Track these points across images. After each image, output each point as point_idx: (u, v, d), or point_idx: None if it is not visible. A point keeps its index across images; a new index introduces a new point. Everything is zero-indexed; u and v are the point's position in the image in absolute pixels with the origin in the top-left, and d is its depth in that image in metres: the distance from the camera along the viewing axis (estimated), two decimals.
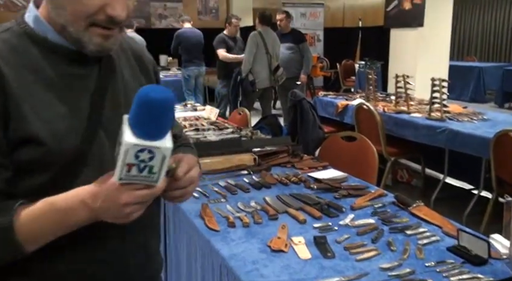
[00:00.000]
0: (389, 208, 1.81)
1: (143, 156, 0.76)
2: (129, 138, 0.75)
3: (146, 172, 0.78)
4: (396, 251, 1.46)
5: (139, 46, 1.10)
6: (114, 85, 0.97)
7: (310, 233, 1.57)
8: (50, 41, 0.89)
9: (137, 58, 1.06)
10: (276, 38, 5.74)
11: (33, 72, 0.87)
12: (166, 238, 2.07)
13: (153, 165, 0.77)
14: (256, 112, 6.98)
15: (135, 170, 0.77)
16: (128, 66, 1.03)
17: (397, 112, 4.08)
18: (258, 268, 1.35)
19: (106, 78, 0.95)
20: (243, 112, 3.88)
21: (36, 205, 0.83)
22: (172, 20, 10.00)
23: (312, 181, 2.11)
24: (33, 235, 0.83)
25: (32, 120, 0.84)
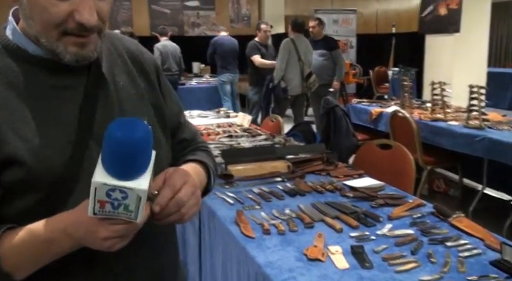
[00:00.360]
0: (428, 219, 1.76)
1: (115, 195, 0.72)
2: (98, 177, 0.71)
3: (122, 209, 0.73)
4: (436, 264, 1.42)
5: (137, 48, 1.02)
6: (106, 93, 0.90)
7: (347, 243, 1.54)
8: (30, 54, 0.84)
9: (135, 61, 0.99)
10: (308, 45, 5.72)
11: (12, 88, 0.82)
12: (201, 244, 2.08)
13: (128, 204, 0.73)
14: (288, 119, 6.96)
15: (109, 206, 0.73)
16: (123, 72, 0.95)
17: (434, 120, 3.99)
18: (295, 277, 1.33)
19: (95, 87, 0.88)
20: (275, 119, 3.87)
21: (19, 234, 0.79)
22: (205, 28, 10.12)
23: (348, 189, 2.08)
24: (17, 265, 0.80)
25: (10, 140, 0.80)
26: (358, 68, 9.02)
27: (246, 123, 3.76)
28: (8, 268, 0.79)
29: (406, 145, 2.64)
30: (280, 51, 5.59)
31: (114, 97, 0.91)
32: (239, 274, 1.59)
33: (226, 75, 6.97)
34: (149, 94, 0.98)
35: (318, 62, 5.94)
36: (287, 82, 5.55)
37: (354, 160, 2.85)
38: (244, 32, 9.50)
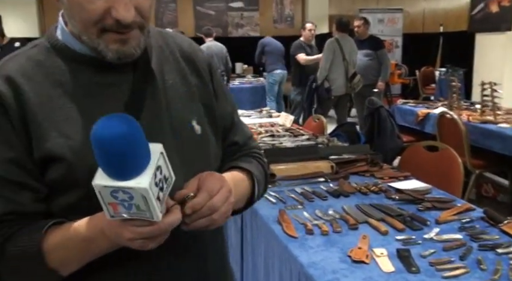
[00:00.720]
0: (478, 224, 1.70)
1: (121, 196, 0.70)
2: (97, 179, 0.70)
3: (135, 210, 0.71)
4: (487, 271, 1.36)
5: (191, 46, 1.00)
6: (154, 91, 0.88)
7: (393, 246, 1.51)
8: (78, 52, 0.85)
9: (187, 59, 0.97)
10: (353, 45, 5.65)
11: (59, 86, 0.84)
12: (243, 242, 2.09)
13: (138, 203, 0.70)
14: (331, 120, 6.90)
15: (121, 208, 0.71)
16: (174, 70, 0.94)
17: (483, 122, 3.85)
18: (339, 278, 1.32)
19: (143, 83, 0.87)
20: (318, 119, 3.84)
21: (63, 231, 0.80)
22: (248, 28, 10.17)
23: (393, 192, 2.04)
24: (62, 261, 0.81)
25: (50, 137, 0.81)
26: (404, 68, 8.81)
27: (288, 123, 3.75)
28: (53, 263, 0.81)
29: (454, 147, 2.56)
30: (324, 51, 5.54)
31: (162, 95, 0.89)
32: (281, 273, 1.58)
33: (277, 72, 6.93)
34: (200, 93, 0.96)
35: (362, 62, 5.85)
36: (331, 82, 5.50)
37: (400, 162, 2.79)
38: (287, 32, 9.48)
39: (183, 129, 0.90)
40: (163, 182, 0.73)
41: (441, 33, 9.94)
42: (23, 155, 0.81)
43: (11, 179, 0.81)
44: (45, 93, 0.83)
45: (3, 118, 0.81)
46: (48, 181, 0.82)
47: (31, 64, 0.85)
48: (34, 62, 0.85)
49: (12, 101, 0.81)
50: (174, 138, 0.88)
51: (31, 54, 0.86)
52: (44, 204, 0.84)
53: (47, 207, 0.84)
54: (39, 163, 0.82)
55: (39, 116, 0.81)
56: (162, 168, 0.73)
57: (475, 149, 3.73)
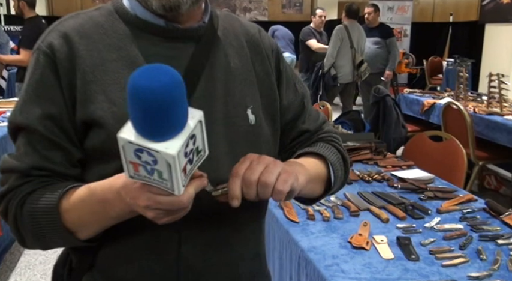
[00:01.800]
0: (479, 214, 1.71)
1: (145, 157, 0.62)
2: (124, 133, 0.62)
3: (157, 176, 0.64)
4: (486, 261, 1.37)
5: (257, 32, 0.95)
6: (212, 72, 0.84)
7: (393, 233, 1.52)
8: (139, 17, 0.81)
9: (252, 45, 0.92)
10: (362, 32, 5.60)
11: (115, 50, 0.80)
12: None
13: (161, 170, 0.63)
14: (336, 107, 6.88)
15: (143, 170, 0.64)
16: (237, 54, 0.88)
17: (489, 114, 3.83)
18: (338, 263, 1.33)
19: (202, 63, 0.83)
20: (324, 106, 3.83)
21: (79, 192, 0.77)
22: (256, 13, 10.10)
23: (396, 180, 2.05)
24: (78, 222, 0.78)
25: (97, 100, 0.77)
26: (412, 58, 8.74)
27: None
28: (68, 224, 0.77)
29: (459, 138, 2.55)
30: (332, 38, 5.50)
31: (220, 77, 0.84)
32: (281, 257, 1.60)
33: (286, 56, 6.86)
34: (261, 82, 0.90)
35: (371, 50, 5.81)
36: (337, 70, 5.47)
37: (404, 151, 2.79)
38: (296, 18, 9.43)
39: (236, 117, 0.85)
40: (195, 154, 0.66)
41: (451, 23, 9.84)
42: (64, 114, 0.78)
43: (47, 136, 0.78)
44: (100, 56, 0.80)
45: (52, 74, 0.78)
46: (88, 146, 0.79)
47: (91, 24, 0.82)
48: (94, 23, 0.82)
49: (65, 57, 0.79)
50: (225, 125, 0.83)
51: (93, 15, 0.84)
52: (77, 168, 0.81)
53: (82, 173, 0.82)
54: (80, 126, 0.79)
55: (89, 77, 0.78)
56: (196, 138, 0.65)
57: (480, 140, 3.72)
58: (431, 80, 8.62)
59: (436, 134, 2.73)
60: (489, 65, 5.53)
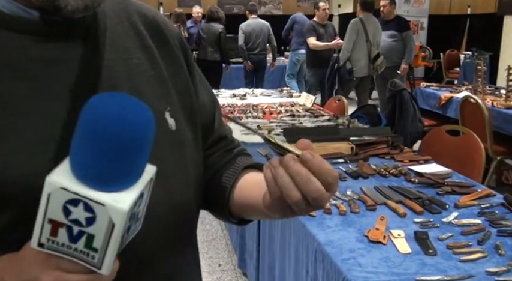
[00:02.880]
0: (498, 209, 1.70)
1: (77, 213, 0.46)
2: (57, 175, 0.46)
3: (82, 245, 0.47)
4: (505, 256, 1.37)
5: (159, 18, 0.76)
6: (113, 73, 0.64)
7: (411, 228, 1.52)
8: (4, 13, 0.59)
9: (155, 34, 0.73)
10: (377, 25, 5.56)
11: None
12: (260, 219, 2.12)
13: (94, 234, 0.47)
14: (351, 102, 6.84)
15: (64, 234, 0.47)
16: (138, 47, 0.70)
17: (508, 107, 3.79)
18: (355, 257, 1.34)
19: (98, 63, 0.63)
20: (339, 100, 3.82)
21: None
22: (271, 6, 10.07)
23: (413, 175, 2.04)
24: None
25: None
26: (429, 51, 8.64)
27: (308, 103, 3.74)
28: None
29: (476, 132, 2.54)
30: (347, 32, 5.47)
31: (123, 76, 0.66)
32: (297, 251, 1.61)
33: (302, 52, 6.75)
34: (174, 77, 0.73)
35: (386, 43, 5.76)
36: (353, 63, 5.44)
37: (421, 145, 2.77)
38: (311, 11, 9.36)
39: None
40: (134, 222, 0.50)
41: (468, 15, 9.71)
42: None
43: None
44: None
45: None
46: None
47: None
48: None
49: None
50: None
51: None
52: None
53: None
54: None
55: None
56: (143, 199, 0.50)
57: (498, 135, 3.68)
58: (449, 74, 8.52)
59: (454, 128, 2.71)
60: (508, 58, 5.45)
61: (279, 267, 1.86)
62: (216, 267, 2.79)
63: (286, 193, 0.55)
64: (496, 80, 6.38)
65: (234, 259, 2.81)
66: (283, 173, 0.55)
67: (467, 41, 9.20)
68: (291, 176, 0.55)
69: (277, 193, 0.56)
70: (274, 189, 0.56)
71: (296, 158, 0.56)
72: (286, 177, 0.55)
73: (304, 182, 0.55)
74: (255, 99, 4.11)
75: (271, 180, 0.57)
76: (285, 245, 1.76)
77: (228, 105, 3.73)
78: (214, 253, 2.95)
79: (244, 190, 0.74)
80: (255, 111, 3.45)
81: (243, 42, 6.51)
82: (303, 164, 0.55)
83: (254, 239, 2.22)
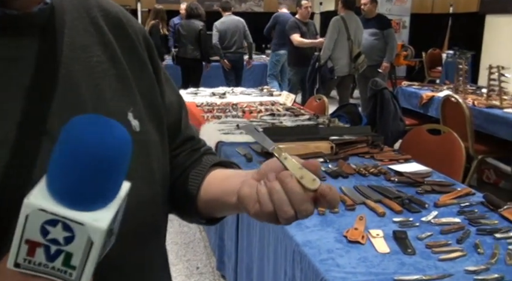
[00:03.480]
0: (477, 208, 1.72)
1: (56, 233, 0.47)
2: (35, 197, 0.47)
3: (60, 263, 0.48)
4: (484, 255, 1.39)
5: (121, 14, 0.73)
6: (70, 69, 0.62)
7: (390, 227, 1.53)
8: None
9: (117, 31, 0.71)
10: (359, 24, 5.61)
11: None
12: (238, 220, 2.12)
13: (72, 252, 0.48)
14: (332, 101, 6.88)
15: (41, 254, 0.48)
16: (98, 43, 0.67)
17: (489, 107, 3.86)
18: (334, 257, 1.34)
19: (53, 59, 0.60)
20: (320, 99, 3.84)
21: None
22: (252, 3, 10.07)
23: (393, 174, 2.06)
24: None
25: None
26: (410, 50, 8.77)
27: (289, 102, 3.76)
28: None
29: (457, 132, 2.58)
30: (328, 30, 5.50)
31: (83, 75, 0.63)
32: (276, 252, 1.61)
33: (282, 53, 6.77)
34: (137, 76, 0.71)
35: (368, 41, 5.82)
36: (334, 62, 5.48)
37: (401, 144, 2.81)
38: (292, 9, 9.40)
39: None
40: (109, 237, 0.51)
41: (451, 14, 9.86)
42: None
43: None
44: None
45: None
46: None
47: None
48: None
49: None
50: None
51: None
52: None
53: None
54: None
55: None
56: (118, 216, 0.51)
57: (479, 134, 3.75)
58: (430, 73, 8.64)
59: (434, 127, 2.75)
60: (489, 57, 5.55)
61: (257, 268, 1.86)
62: (193, 270, 2.77)
63: (279, 208, 0.57)
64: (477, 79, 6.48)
65: (212, 261, 2.80)
66: (279, 188, 0.58)
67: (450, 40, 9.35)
68: (287, 193, 0.57)
69: (270, 208, 0.58)
70: (268, 203, 0.58)
71: (293, 175, 0.58)
72: (282, 193, 0.57)
73: (300, 201, 0.57)
74: (235, 98, 4.11)
75: (266, 194, 0.58)
76: (264, 246, 1.76)
77: (207, 104, 3.72)
78: (192, 255, 2.94)
79: (212, 186, 0.74)
80: (234, 110, 3.44)
81: (217, 40, 6.45)
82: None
83: (233, 240, 2.22)
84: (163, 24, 6.92)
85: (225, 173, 0.76)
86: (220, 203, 0.72)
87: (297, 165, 0.60)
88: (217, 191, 0.73)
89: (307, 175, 0.59)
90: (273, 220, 0.61)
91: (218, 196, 0.72)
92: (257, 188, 0.60)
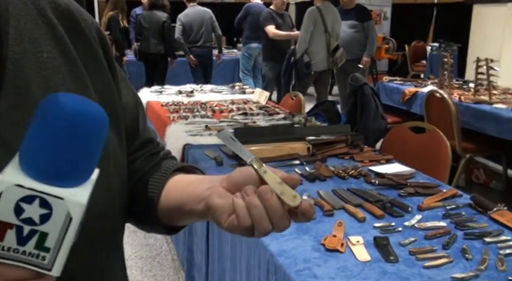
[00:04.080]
0: (465, 211, 1.75)
1: (32, 211, 0.47)
2: (9, 174, 0.48)
3: (32, 245, 0.48)
4: (472, 261, 1.41)
5: (72, 6, 0.73)
6: (18, 67, 0.61)
7: (370, 233, 1.55)
8: None
9: (68, 24, 0.70)
10: (337, 15, 5.66)
11: None
12: (208, 230, 2.10)
13: (47, 232, 0.48)
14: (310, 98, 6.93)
15: (11, 237, 0.47)
16: (48, 38, 0.66)
17: (477, 102, 3.94)
18: (311, 268, 1.34)
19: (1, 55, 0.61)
20: (296, 97, 3.86)
21: None
22: None
23: (374, 176, 2.08)
24: None
25: None
26: (392, 43, 8.90)
27: (263, 100, 3.76)
28: None
29: (443, 129, 2.62)
30: (304, 22, 5.53)
31: (33, 73, 0.63)
32: (249, 263, 1.61)
33: (254, 46, 6.77)
34: (92, 74, 0.71)
35: (347, 34, 5.88)
36: (311, 56, 5.51)
37: (382, 144, 2.84)
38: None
39: None
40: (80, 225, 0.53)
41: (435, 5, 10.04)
42: None
43: None
44: None
45: None
46: None
47: None
48: None
49: None
50: None
51: None
52: None
53: None
54: None
55: None
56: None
57: (466, 131, 3.82)
58: (414, 67, 8.79)
59: (418, 125, 2.79)
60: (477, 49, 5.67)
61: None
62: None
63: (258, 223, 0.61)
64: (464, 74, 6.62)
65: (181, 276, 2.78)
66: (259, 204, 0.61)
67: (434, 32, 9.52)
68: (267, 209, 0.61)
69: (248, 223, 0.61)
70: (246, 218, 0.61)
71: (273, 191, 0.61)
72: (262, 209, 0.61)
73: (279, 218, 0.61)
74: (204, 96, 4.09)
75: (244, 208, 0.61)
76: (236, 258, 1.75)
77: (174, 103, 3.69)
78: (158, 269, 2.91)
79: (175, 192, 0.75)
80: (203, 110, 3.43)
81: (180, 34, 6.40)
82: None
83: (203, 252, 2.21)
84: (123, 15, 6.83)
85: (188, 178, 0.77)
86: (184, 210, 0.73)
87: (276, 179, 0.63)
88: (180, 198, 0.74)
89: (288, 191, 0.62)
90: (247, 233, 0.63)
91: (181, 203, 0.73)
92: (233, 201, 0.63)
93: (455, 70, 5.78)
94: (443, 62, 4.52)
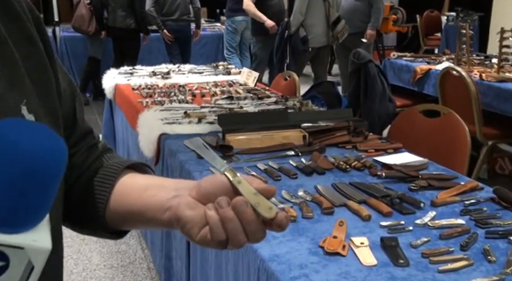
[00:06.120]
0: (486, 206, 1.77)
1: None
2: None
3: None
4: (495, 263, 1.42)
5: None
6: None
7: (376, 234, 1.56)
8: None
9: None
10: None
11: None
12: None
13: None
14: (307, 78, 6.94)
15: None
16: None
17: (501, 80, 3.96)
18: (307, 274, 1.35)
19: None
20: (290, 77, 3.86)
21: None
22: None
23: (380, 167, 2.09)
24: None
25: None
26: (401, 12, 8.89)
27: (251, 82, 3.76)
28: None
29: (461, 113, 2.63)
30: None
31: None
32: (236, 270, 1.61)
33: (240, 19, 6.76)
34: (27, 60, 0.71)
35: (348, 3, 5.88)
36: (308, 30, 5.50)
37: (390, 130, 2.85)
38: None
39: None
40: None
41: None
42: None
43: None
44: None
45: None
46: None
47: None
48: None
49: None
50: None
51: None
52: None
53: None
54: None
55: None
56: None
57: (488, 114, 3.85)
58: (427, 41, 8.81)
59: (431, 108, 2.80)
60: (501, 19, 5.69)
61: None
62: None
63: (233, 237, 0.67)
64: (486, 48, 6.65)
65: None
66: (233, 217, 0.67)
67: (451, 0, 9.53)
68: (242, 222, 0.67)
69: (222, 236, 0.67)
70: (221, 232, 0.67)
71: (248, 202, 0.67)
72: (237, 222, 0.67)
73: (255, 231, 0.68)
74: (182, 78, 4.08)
75: (218, 222, 0.67)
76: (222, 265, 1.76)
77: (147, 86, 3.68)
78: (132, 280, 2.91)
79: (129, 197, 0.80)
80: (181, 94, 3.42)
81: (152, 6, 6.39)
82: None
83: (183, 259, 2.21)
84: None
85: (142, 181, 0.82)
86: (145, 217, 0.77)
87: (251, 190, 0.69)
88: (137, 204, 0.78)
89: (263, 202, 0.68)
90: (220, 247, 0.69)
91: (139, 210, 0.78)
92: (206, 213, 0.68)
93: (476, 44, 5.80)
94: (461, 35, 4.53)
